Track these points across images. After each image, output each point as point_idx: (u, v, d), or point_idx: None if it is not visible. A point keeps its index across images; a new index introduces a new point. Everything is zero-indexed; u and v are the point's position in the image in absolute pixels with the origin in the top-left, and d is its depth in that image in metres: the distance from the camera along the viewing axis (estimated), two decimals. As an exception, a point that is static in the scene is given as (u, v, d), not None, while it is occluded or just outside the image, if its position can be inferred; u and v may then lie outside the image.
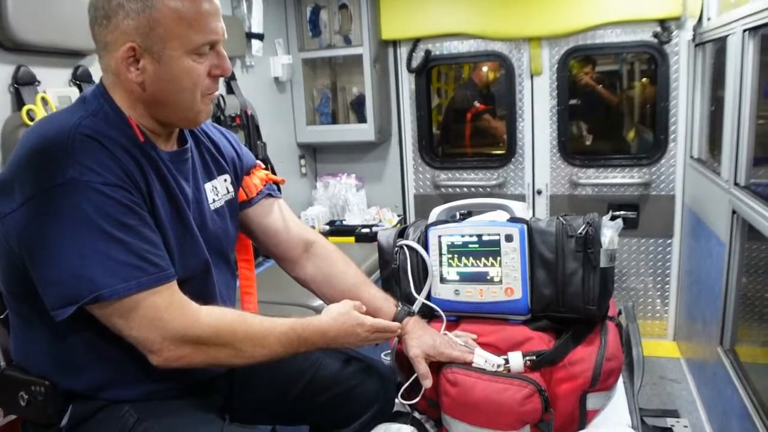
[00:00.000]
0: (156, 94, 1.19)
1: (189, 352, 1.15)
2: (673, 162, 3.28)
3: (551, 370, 1.48)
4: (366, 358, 1.56)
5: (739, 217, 2.20)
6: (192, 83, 1.19)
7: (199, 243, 1.29)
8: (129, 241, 1.09)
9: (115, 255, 1.08)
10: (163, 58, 1.15)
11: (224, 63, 1.23)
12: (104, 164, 1.10)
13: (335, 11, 3.54)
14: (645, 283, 3.49)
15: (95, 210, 1.07)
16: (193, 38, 1.16)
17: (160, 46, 1.15)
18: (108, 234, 1.07)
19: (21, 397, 1.23)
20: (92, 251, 1.06)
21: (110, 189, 1.09)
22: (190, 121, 1.28)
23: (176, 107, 1.22)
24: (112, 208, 1.09)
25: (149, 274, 1.11)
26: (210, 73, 1.22)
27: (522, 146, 3.55)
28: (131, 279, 1.08)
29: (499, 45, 3.48)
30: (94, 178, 1.07)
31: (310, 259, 1.58)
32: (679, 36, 3.13)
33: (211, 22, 1.19)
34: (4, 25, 1.72)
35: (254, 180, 1.57)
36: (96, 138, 1.11)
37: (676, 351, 3.35)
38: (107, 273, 1.07)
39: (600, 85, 3.81)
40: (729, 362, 2.24)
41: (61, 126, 1.11)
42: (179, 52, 1.16)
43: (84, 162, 1.07)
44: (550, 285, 1.55)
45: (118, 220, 1.09)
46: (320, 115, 3.82)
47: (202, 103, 1.24)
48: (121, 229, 1.09)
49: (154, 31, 1.14)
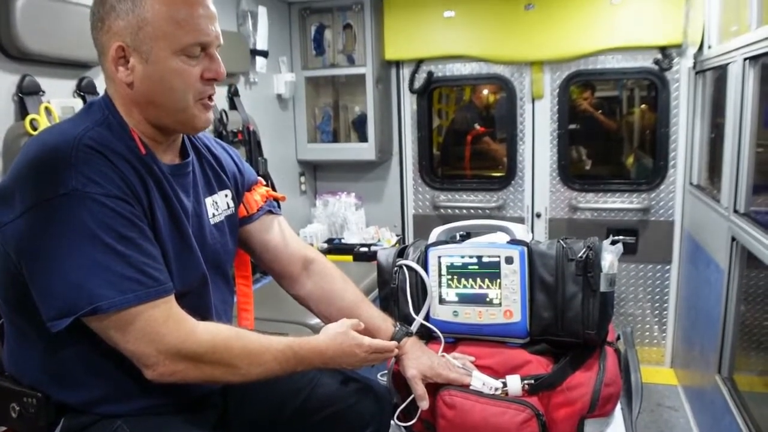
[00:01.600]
0: (146, 95, 1.19)
1: (184, 368, 1.13)
2: (673, 188, 3.29)
3: (549, 395, 1.46)
4: (363, 378, 1.55)
5: (738, 244, 2.20)
6: (182, 84, 1.18)
7: (197, 257, 1.28)
8: (128, 254, 1.08)
9: (115, 267, 1.07)
10: (150, 57, 1.16)
11: (217, 66, 1.22)
12: (106, 176, 1.09)
13: (339, 31, 3.57)
14: (643, 309, 3.48)
15: (96, 222, 1.06)
16: (182, 38, 1.16)
17: (149, 46, 1.15)
18: (108, 246, 1.07)
19: (12, 409, 1.21)
20: (91, 263, 1.05)
21: (111, 201, 1.08)
22: (186, 125, 1.25)
23: (167, 108, 1.20)
24: (112, 220, 1.08)
25: (147, 288, 1.10)
26: (203, 76, 1.20)
27: (522, 169, 3.56)
28: (129, 292, 1.07)
29: (501, 68, 3.51)
30: (95, 189, 1.07)
31: (309, 277, 1.57)
32: (680, 63, 3.17)
33: (201, 24, 1.18)
34: (11, 34, 1.73)
35: (255, 196, 1.56)
36: (99, 149, 1.10)
37: (674, 378, 3.33)
38: (106, 285, 1.06)
39: (599, 110, 3.84)
40: (727, 390, 2.23)
41: (65, 136, 1.11)
42: (167, 52, 1.16)
43: (86, 173, 1.07)
44: (549, 308, 1.54)
45: (119, 232, 1.08)
46: (321, 133, 3.83)
47: (196, 108, 1.22)
48: (121, 242, 1.08)
49: (142, 30, 1.14)
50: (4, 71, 1.80)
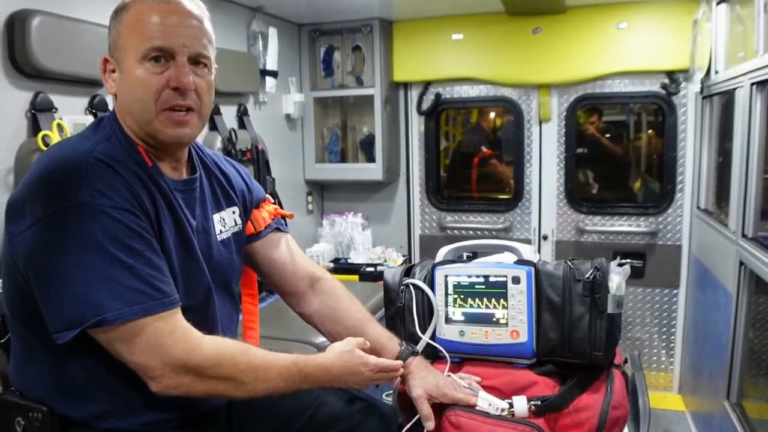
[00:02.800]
0: (123, 104, 1.22)
1: (189, 381, 1.12)
2: (680, 212, 3.29)
3: (556, 417, 1.45)
4: (368, 398, 1.54)
5: (746, 269, 2.19)
6: (144, 92, 1.18)
7: (203, 271, 1.29)
8: (136, 266, 1.09)
9: (122, 279, 1.07)
10: (122, 66, 1.20)
11: (180, 76, 1.18)
12: (115, 189, 1.10)
13: (348, 52, 3.61)
14: (650, 333, 3.46)
15: (104, 234, 1.07)
16: (142, 45, 1.17)
17: (122, 56, 1.19)
18: (115, 258, 1.07)
19: (17, 423, 1.21)
20: (98, 274, 1.06)
21: (120, 213, 1.09)
22: (154, 137, 1.22)
23: (136, 118, 1.21)
24: (120, 232, 1.09)
25: (154, 300, 1.10)
26: (168, 84, 1.19)
27: (529, 191, 3.56)
28: (136, 304, 1.07)
29: (508, 91, 3.53)
30: (104, 201, 1.08)
31: (316, 295, 1.57)
32: (687, 88, 3.18)
33: (167, 31, 1.18)
34: (26, 52, 1.76)
35: (263, 213, 1.57)
36: (108, 163, 1.12)
37: (681, 404, 3.29)
38: (112, 297, 1.06)
39: (606, 135, 3.85)
40: (736, 417, 2.20)
41: (75, 150, 1.13)
42: (132, 60, 1.18)
43: (95, 186, 1.08)
44: (556, 329, 1.53)
45: (126, 244, 1.09)
46: (329, 153, 3.86)
47: (159, 121, 1.20)
48: (129, 254, 1.09)
49: (118, 42, 1.20)
50: (18, 88, 1.82)
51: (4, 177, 1.76)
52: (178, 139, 1.24)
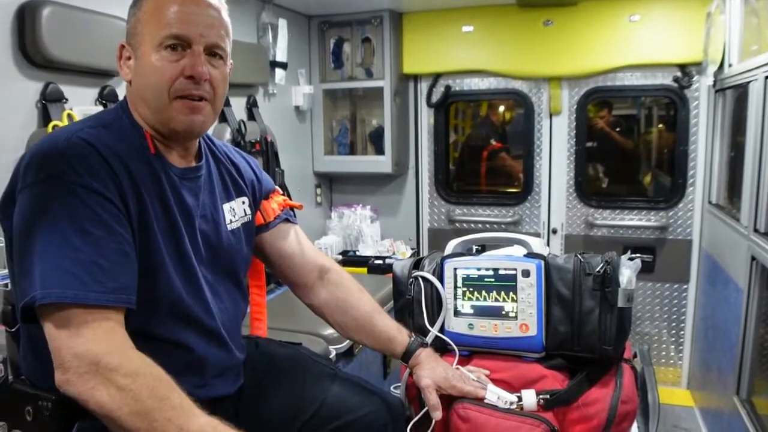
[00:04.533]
0: (137, 91, 1.22)
1: (93, 384, 0.99)
2: (691, 207, 3.26)
3: (565, 411, 1.44)
4: (376, 390, 1.53)
5: (758, 264, 2.17)
6: (158, 79, 1.18)
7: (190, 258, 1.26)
8: (83, 251, 1.04)
9: (62, 261, 1.03)
10: (138, 53, 1.20)
11: (196, 66, 1.18)
12: (92, 169, 1.08)
13: (358, 44, 3.60)
14: (659, 328, 3.44)
15: (63, 210, 1.05)
16: (159, 32, 1.17)
17: (138, 42, 1.20)
18: (64, 237, 1.04)
19: (27, 412, 1.21)
20: (44, 250, 1.03)
21: (86, 193, 1.06)
22: (166, 125, 1.22)
23: (150, 105, 1.21)
24: (80, 212, 1.06)
25: (90, 291, 1.03)
26: (183, 73, 1.19)
27: (539, 185, 3.55)
28: (68, 289, 1.01)
29: (519, 83, 3.52)
30: (74, 178, 1.06)
31: (325, 286, 1.57)
32: (700, 81, 3.15)
33: (184, 18, 1.18)
34: (36, 42, 1.76)
35: (272, 204, 1.56)
36: (92, 143, 1.11)
37: (690, 400, 3.27)
38: (48, 275, 1.02)
39: (616, 129, 3.82)
40: (745, 412, 2.18)
41: (66, 130, 1.14)
42: (148, 47, 1.18)
43: (71, 162, 1.07)
44: (566, 323, 1.52)
45: (83, 226, 1.05)
46: (338, 145, 3.85)
47: (174, 108, 1.19)
48: (81, 236, 1.05)
49: (136, 29, 1.20)
50: (29, 78, 1.83)
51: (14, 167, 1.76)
52: (190, 126, 1.23)
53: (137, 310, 1.11)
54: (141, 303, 1.12)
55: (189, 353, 1.25)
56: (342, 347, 2.35)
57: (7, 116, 1.76)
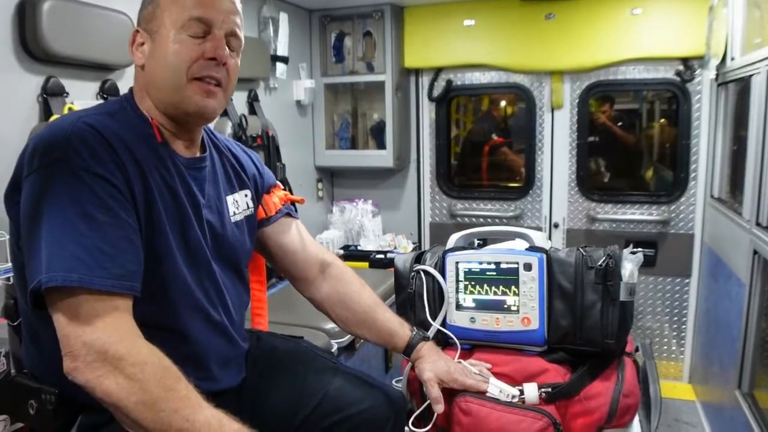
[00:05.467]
0: (150, 74, 1.22)
1: (102, 372, 0.99)
2: (693, 201, 3.26)
3: (567, 404, 1.45)
4: (378, 383, 1.54)
5: (760, 258, 2.16)
6: (177, 60, 1.18)
7: (201, 245, 1.27)
8: (87, 235, 1.04)
9: (67, 244, 1.02)
10: (156, 36, 1.20)
11: (217, 49, 1.20)
12: (96, 154, 1.08)
13: (359, 38, 3.58)
14: (661, 322, 3.44)
15: (68, 193, 1.04)
16: (181, 13, 1.18)
17: (156, 26, 1.20)
18: (68, 221, 1.03)
19: (30, 406, 1.22)
20: (50, 234, 1.03)
21: (91, 177, 1.06)
22: (179, 106, 1.22)
23: (163, 87, 1.21)
24: (84, 195, 1.05)
25: (95, 276, 1.02)
26: (204, 55, 1.19)
27: (540, 179, 3.54)
28: (73, 272, 1.01)
29: (520, 77, 3.50)
30: (78, 162, 1.06)
31: (326, 280, 1.57)
32: (702, 75, 3.14)
33: (205, 1, 1.20)
34: (37, 36, 1.75)
35: (274, 199, 1.57)
36: (97, 129, 1.11)
37: (692, 393, 3.28)
38: (53, 259, 1.01)
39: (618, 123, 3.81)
40: (747, 406, 2.18)
41: (71, 117, 1.14)
42: (168, 29, 1.18)
43: (76, 147, 1.07)
44: (567, 316, 1.52)
45: (86, 211, 1.05)
46: (339, 139, 3.84)
47: (190, 88, 1.20)
48: (85, 220, 1.04)
49: (154, 13, 1.20)
50: (30, 72, 1.82)
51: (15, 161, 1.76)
52: (203, 109, 1.23)
53: (143, 299, 1.11)
54: (147, 291, 1.12)
55: (194, 343, 1.25)
56: (343, 341, 2.35)
57: (9, 110, 1.76)
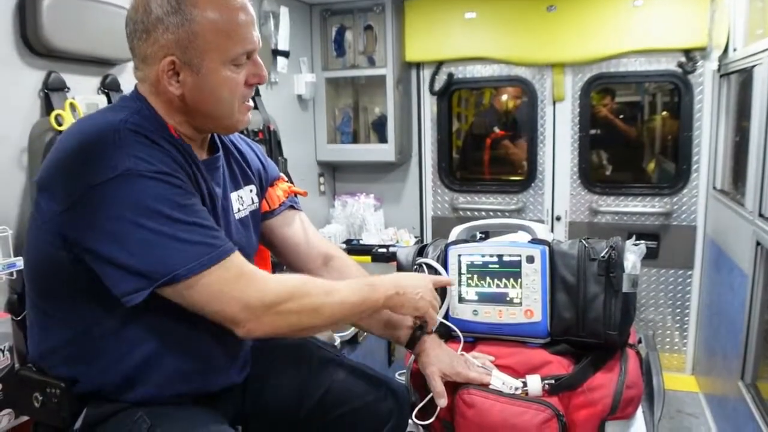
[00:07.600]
0: (196, 105, 1.22)
1: (271, 319, 1.16)
2: (696, 192, 3.25)
3: (570, 396, 1.45)
4: (381, 376, 1.54)
5: (763, 249, 2.16)
6: (230, 93, 1.22)
7: None
8: (192, 221, 1.12)
9: (182, 236, 1.10)
10: (201, 70, 1.18)
11: (261, 71, 1.26)
12: (154, 155, 1.12)
13: (360, 32, 3.58)
14: (664, 314, 3.44)
15: (154, 197, 1.09)
16: (231, 49, 1.18)
17: (199, 59, 1.17)
18: (170, 217, 1.09)
19: (35, 399, 1.22)
20: (159, 235, 1.08)
21: (163, 176, 1.11)
22: (229, 128, 1.32)
23: (215, 117, 1.25)
24: (168, 192, 1.11)
25: (217, 249, 1.13)
26: (247, 81, 1.24)
27: (542, 172, 3.54)
28: (203, 256, 1.11)
29: (522, 70, 3.49)
30: (146, 167, 1.09)
31: (329, 272, 1.57)
32: (704, 66, 3.13)
33: (248, 32, 1.21)
34: (38, 31, 1.75)
35: (277, 191, 1.57)
36: (143, 133, 1.14)
37: (695, 385, 3.28)
38: (178, 253, 1.09)
39: (620, 116, 3.80)
40: (750, 397, 2.19)
41: (107, 123, 1.14)
42: (217, 64, 1.18)
43: (135, 153, 1.10)
44: (570, 308, 1.52)
45: (177, 203, 1.12)
46: (341, 134, 3.84)
47: (239, 112, 1.26)
48: (182, 211, 1.11)
49: (192, 44, 1.16)
50: (31, 67, 1.82)
51: (18, 156, 1.76)
52: (246, 125, 1.31)
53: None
54: None
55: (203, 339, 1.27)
56: (346, 334, 2.36)
57: (10, 105, 1.75)
